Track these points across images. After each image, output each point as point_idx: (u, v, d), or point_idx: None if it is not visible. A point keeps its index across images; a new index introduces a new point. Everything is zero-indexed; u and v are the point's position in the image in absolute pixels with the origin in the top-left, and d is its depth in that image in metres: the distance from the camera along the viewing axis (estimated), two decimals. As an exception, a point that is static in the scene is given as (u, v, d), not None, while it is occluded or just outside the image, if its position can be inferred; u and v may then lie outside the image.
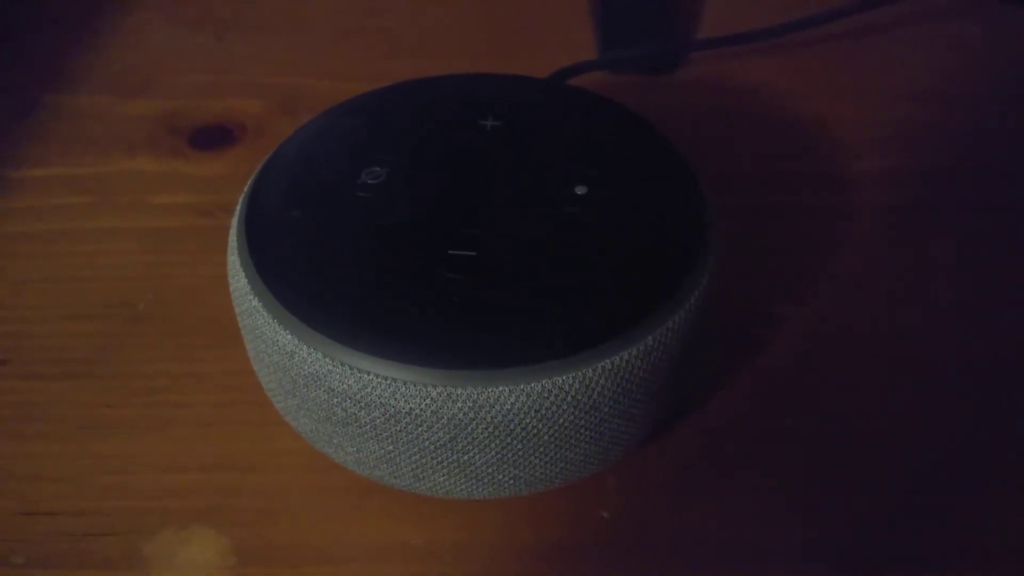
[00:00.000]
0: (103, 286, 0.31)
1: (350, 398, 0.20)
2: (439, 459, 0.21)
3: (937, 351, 0.28)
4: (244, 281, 0.22)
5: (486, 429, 0.20)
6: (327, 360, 0.20)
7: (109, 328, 0.29)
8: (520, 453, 0.21)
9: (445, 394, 0.20)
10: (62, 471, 0.26)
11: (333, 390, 0.20)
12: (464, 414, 0.20)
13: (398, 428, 0.20)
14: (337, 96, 0.27)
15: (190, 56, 0.41)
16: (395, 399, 0.20)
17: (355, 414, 0.20)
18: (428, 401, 0.20)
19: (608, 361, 0.20)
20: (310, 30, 0.43)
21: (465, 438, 0.20)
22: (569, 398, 0.20)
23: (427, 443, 0.20)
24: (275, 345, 0.21)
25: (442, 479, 0.21)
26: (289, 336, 0.21)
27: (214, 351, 0.28)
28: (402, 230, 0.22)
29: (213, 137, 0.37)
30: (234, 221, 0.24)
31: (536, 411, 0.20)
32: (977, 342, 0.29)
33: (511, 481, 0.22)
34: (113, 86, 0.39)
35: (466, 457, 0.21)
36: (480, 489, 0.22)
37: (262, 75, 0.40)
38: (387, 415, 0.20)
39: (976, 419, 0.27)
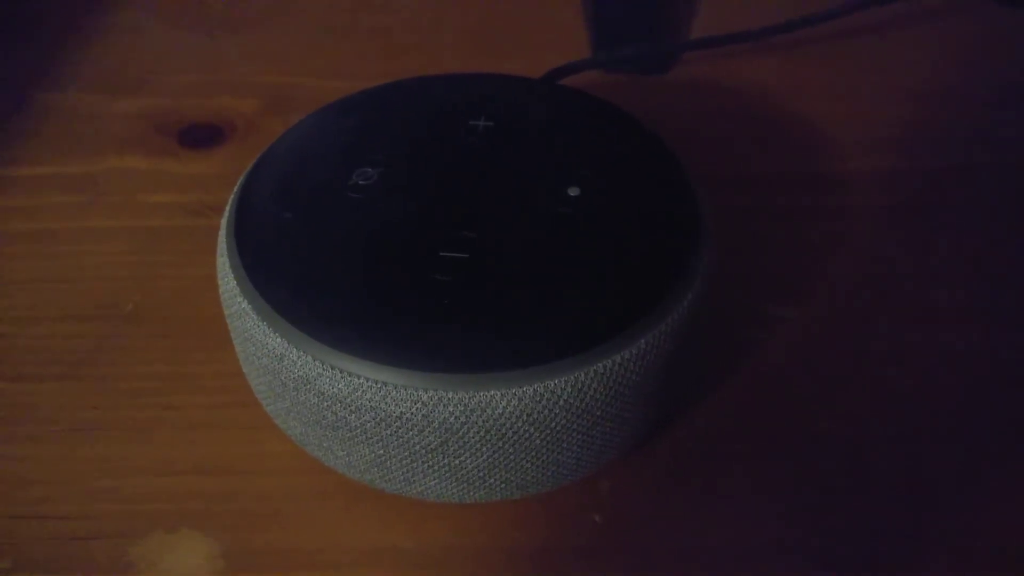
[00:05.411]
0: (93, 287, 0.31)
1: (340, 402, 0.20)
2: (430, 463, 0.21)
3: (934, 354, 0.28)
4: (233, 283, 0.22)
5: (477, 433, 0.20)
6: (316, 363, 0.20)
7: (99, 329, 0.29)
8: (512, 457, 0.20)
9: (436, 398, 0.19)
10: (51, 474, 0.26)
11: (323, 394, 0.20)
12: (455, 418, 0.20)
13: (388, 432, 0.20)
14: (329, 95, 0.27)
15: (181, 54, 0.41)
16: (385, 403, 0.20)
17: (345, 418, 0.20)
18: (419, 405, 0.20)
19: (601, 364, 0.20)
20: (302, 28, 0.43)
21: (456, 442, 0.20)
22: (561, 402, 0.20)
23: (418, 447, 0.20)
24: (264, 348, 0.21)
25: (433, 483, 0.21)
26: (278, 339, 0.21)
27: (204, 353, 0.28)
28: (393, 232, 0.22)
29: (204, 136, 0.37)
30: (223, 222, 0.24)
31: (528, 415, 0.20)
32: (974, 344, 0.29)
33: (503, 485, 0.21)
34: (104, 84, 0.39)
35: (457, 461, 0.20)
36: (471, 493, 0.22)
37: (254, 74, 0.40)
38: (377, 419, 0.20)
39: (972, 422, 0.27)
